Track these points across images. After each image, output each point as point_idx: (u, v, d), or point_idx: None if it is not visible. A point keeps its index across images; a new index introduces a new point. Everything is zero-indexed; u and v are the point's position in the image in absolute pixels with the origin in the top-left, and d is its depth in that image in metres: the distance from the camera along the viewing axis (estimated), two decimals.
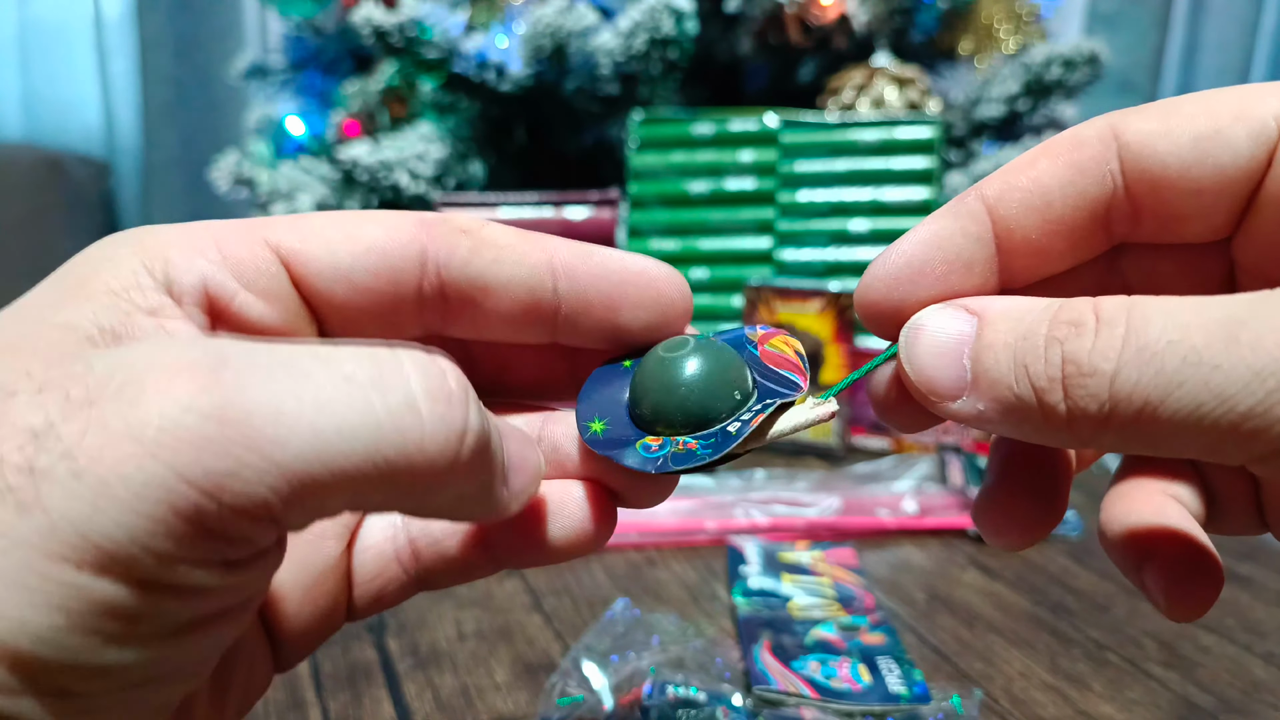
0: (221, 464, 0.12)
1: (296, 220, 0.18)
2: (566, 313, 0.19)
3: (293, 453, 0.12)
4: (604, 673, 0.31)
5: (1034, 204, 0.17)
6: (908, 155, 0.74)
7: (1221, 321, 0.13)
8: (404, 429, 0.13)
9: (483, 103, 0.96)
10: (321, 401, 0.13)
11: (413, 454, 0.13)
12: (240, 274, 0.17)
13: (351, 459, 0.13)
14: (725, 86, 1.07)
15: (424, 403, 0.13)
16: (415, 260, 0.18)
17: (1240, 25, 1.57)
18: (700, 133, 0.78)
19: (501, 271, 0.19)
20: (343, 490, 0.13)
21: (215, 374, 0.12)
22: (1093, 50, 0.95)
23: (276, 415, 0.12)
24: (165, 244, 0.16)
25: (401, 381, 0.13)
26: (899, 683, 0.33)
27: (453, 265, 0.18)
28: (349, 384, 0.13)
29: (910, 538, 0.47)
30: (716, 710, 0.30)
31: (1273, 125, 0.16)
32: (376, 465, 0.13)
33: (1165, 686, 0.34)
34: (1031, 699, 0.33)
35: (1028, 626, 0.38)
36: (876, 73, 0.91)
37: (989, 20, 1.01)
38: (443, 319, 0.19)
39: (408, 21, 0.86)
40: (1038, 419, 0.15)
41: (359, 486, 0.13)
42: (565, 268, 0.19)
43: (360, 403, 0.13)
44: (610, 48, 0.88)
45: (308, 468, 0.13)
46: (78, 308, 0.15)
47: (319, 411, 0.13)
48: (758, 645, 0.35)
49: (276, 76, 1.18)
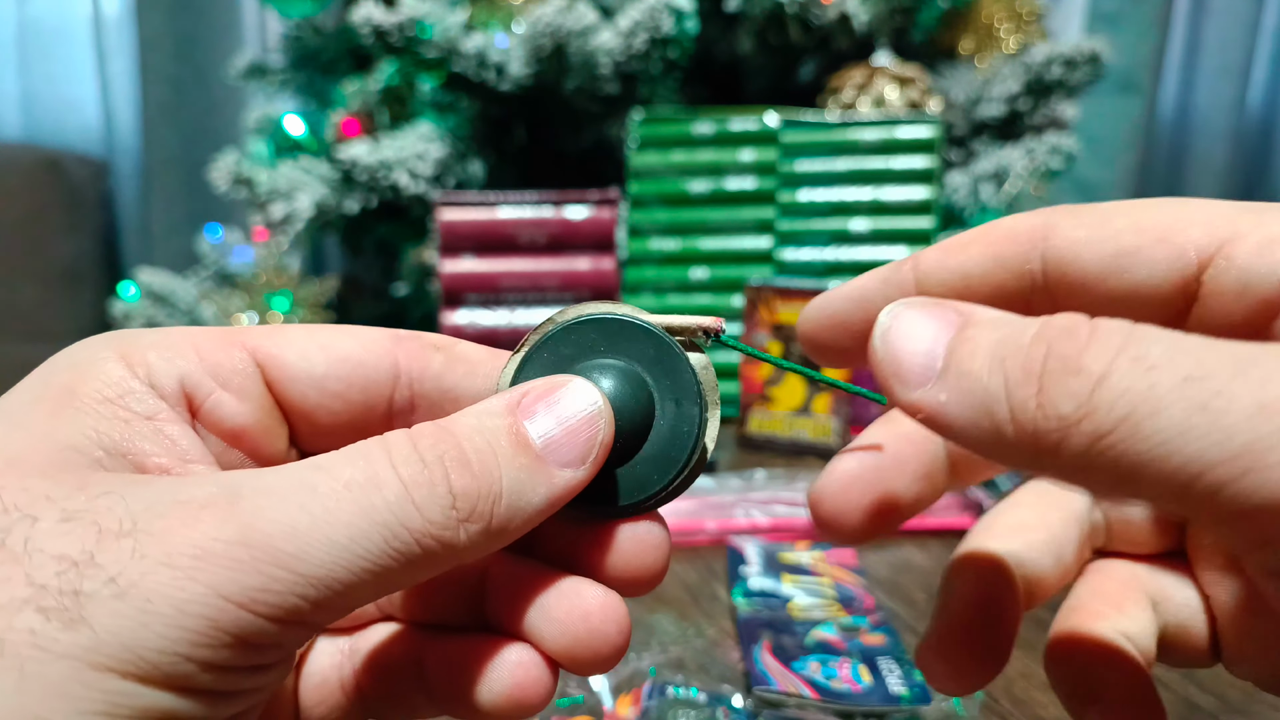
0: (254, 580, 0.14)
1: (274, 329, 0.19)
2: None
3: (314, 563, 0.14)
4: (602, 675, 0.31)
5: (955, 284, 0.18)
6: (908, 155, 0.74)
7: (1231, 353, 0.12)
8: (407, 519, 0.15)
9: (482, 102, 0.95)
10: (330, 512, 0.14)
11: (420, 537, 0.15)
12: (217, 374, 0.18)
13: (368, 557, 0.14)
14: (726, 86, 1.07)
15: (415, 491, 0.15)
16: (388, 374, 0.19)
17: (1242, 24, 1.57)
18: (700, 132, 0.78)
19: (473, 385, 0.19)
20: (369, 585, 0.15)
21: (232, 506, 0.14)
22: (1094, 49, 0.95)
23: (292, 533, 0.14)
24: (144, 347, 0.17)
25: (391, 475, 0.15)
26: (899, 683, 0.32)
27: (425, 380, 0.19)
28: (349, 491, 0.15)
29: (910, 538, 0.47)
30: (716, 711, 0.30)
31: (1191, 256, 0.16)
32: (393, 557, 0.15)
33: (1166, 687, 0.33)
34: (1032, 699, 0.33)
35: (1028, 627, 0.38)
36: (877, 72, 0.91)
37: (989, 19, 1.01)
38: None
39: (407, 21, 0.86)
40: (1001, 417, 0.14)
41: (382, 578, 0.15)
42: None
43: (363, 506, 0.15)
44: (610, 47, 0.87)
45: (330, 573, 0.14)
46: (76, 422, 0.16)
47: (330, 524, 0.14)
48: (758, 646, 0.34)
49: (275, 76, 1.18)
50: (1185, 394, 0.12)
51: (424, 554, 0.15)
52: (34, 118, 1.53)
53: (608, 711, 0.30)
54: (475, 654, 0.18)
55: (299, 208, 0.94)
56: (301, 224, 0.94)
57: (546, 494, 0.16)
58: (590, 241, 0.71)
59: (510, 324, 0.71)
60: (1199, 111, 1.68)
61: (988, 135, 0.99)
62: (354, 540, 0.14)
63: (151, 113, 1.46)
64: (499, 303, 0.72)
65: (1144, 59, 1.50)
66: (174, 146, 1.47)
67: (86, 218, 1.46)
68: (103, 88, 1.53)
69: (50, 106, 1.53)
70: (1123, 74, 1.50)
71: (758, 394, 0.63)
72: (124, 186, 1.58)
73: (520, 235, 0.71)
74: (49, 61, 1.52)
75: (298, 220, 0.94)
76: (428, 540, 0.15)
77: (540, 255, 0.71)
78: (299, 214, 0.94)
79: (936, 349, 0.15)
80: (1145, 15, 1.49)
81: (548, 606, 0.18)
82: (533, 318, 0.72)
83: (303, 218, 0.94)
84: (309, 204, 0.94)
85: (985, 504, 0.48)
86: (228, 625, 0.14)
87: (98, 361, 0.17)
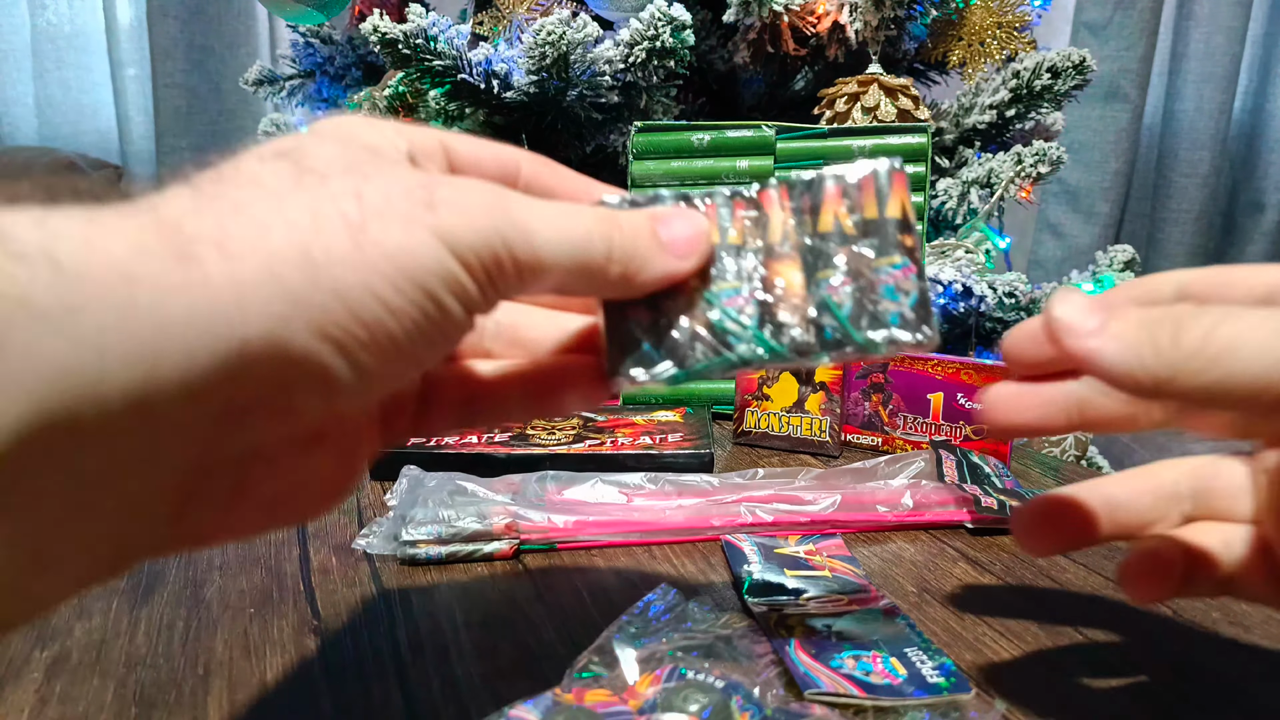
0: (514, 235, 0.21)
1: (449, 133, 0.26)
2: None
3: (540, 241, 0.22)
4: (631, 654, 0.31)
5: None
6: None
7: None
8: (593, 244, 0.23)
9: (487, 111, 0.98)
10: (561, 217, 0.23)
11: (594, 257, 0.23)
12: (422, 150, 0.25)
13: (569, 255, 0.23)
14: (723, 96, 1.09)
15: (597, 232, 0.23)
16: (515, 164, 0.28)
17: (1227, 32, 1.59)
18: (698, 141, 0.80)
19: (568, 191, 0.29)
20: (556, 274, 0.23)
21: (504, 195, 0.22)
22: (1081, 58, 0.97)
23: (537, 223, 0.22)
24: (382, 128, 0.24)
25: (590, 220, 0.24)
26: (935, 673, 0.32)
27: (537, 179, 0.28)
28: (578, 214, 0.24)
29: (901, 532, 0.48)
30: (730, 700, 0.29)
31: None
32: (579, 261, 0.23)
33: (1152, 677, 0.34)
34: (1021, 689, 0.33)
35: (1017, 618, 0.38)
36: (869, 82, 0.93)
37: (979, 29, 1.03)
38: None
39: (415, 30, 0.89)
40: (1149, 359, 0.21)
41: (567, 273, 0.23)
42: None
43: (574, 224, 0.23)
44: (611, 58, 0.90)
45: (551, 256, 0.22)
46: (368, 145, 0.23)
47: (560, 225, 0.23)
48: (789, 645, 0.33)
49: (286, 84, 1.20)
50: (1260, 333, 0.20)
51: (590, 269, 0.23)
52: (49, 123, 1.55)
53: (629, 687, 0.30)
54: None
55: None
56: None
57: (662, 268, 0.25)
58: None
59: None
60: (1185, 118, 1.69)
61: (977, 143, 1.02)
62: (562, 243, 0.22)
63: (164, 119, 1.48)
64: None
65: (1130, 67, 1.52)
66: (187, 152, 1.49)
67: None
68: (116, 94, 1.55)
69: (65, 112, 1.55)
70: (1109, 82, 1.52)
71: (753, 392, 0.65)
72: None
73: None
74: (64, 68, 1.54)
75: None
76: (596, 261, 0.23)
77: None
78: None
79: (1092, 318, 0.23)
80: (1132, 24, 1.50)
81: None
82: None
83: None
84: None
85: (982, 499, 0.49)
86: (498, 249, 0.21)
87: (366, 130, 0.23)
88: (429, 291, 0.20)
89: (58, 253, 0.15)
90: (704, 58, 1.03)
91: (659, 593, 0.36)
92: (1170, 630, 0.37)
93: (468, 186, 0.22)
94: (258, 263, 0.18)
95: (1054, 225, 1.74)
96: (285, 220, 0.18)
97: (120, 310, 0.15)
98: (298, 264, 0.18)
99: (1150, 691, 0.33)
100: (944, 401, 0.60)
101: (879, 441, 0.63)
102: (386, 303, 0.19)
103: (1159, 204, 1.73)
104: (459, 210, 0.21)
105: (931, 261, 0.95)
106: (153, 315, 0.16)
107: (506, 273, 0.22)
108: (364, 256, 0.19)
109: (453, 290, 0.20)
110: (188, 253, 0.17)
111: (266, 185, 0.19)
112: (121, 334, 0.15)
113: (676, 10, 0.88)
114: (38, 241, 0.15)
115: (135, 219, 0.17)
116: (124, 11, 1.53)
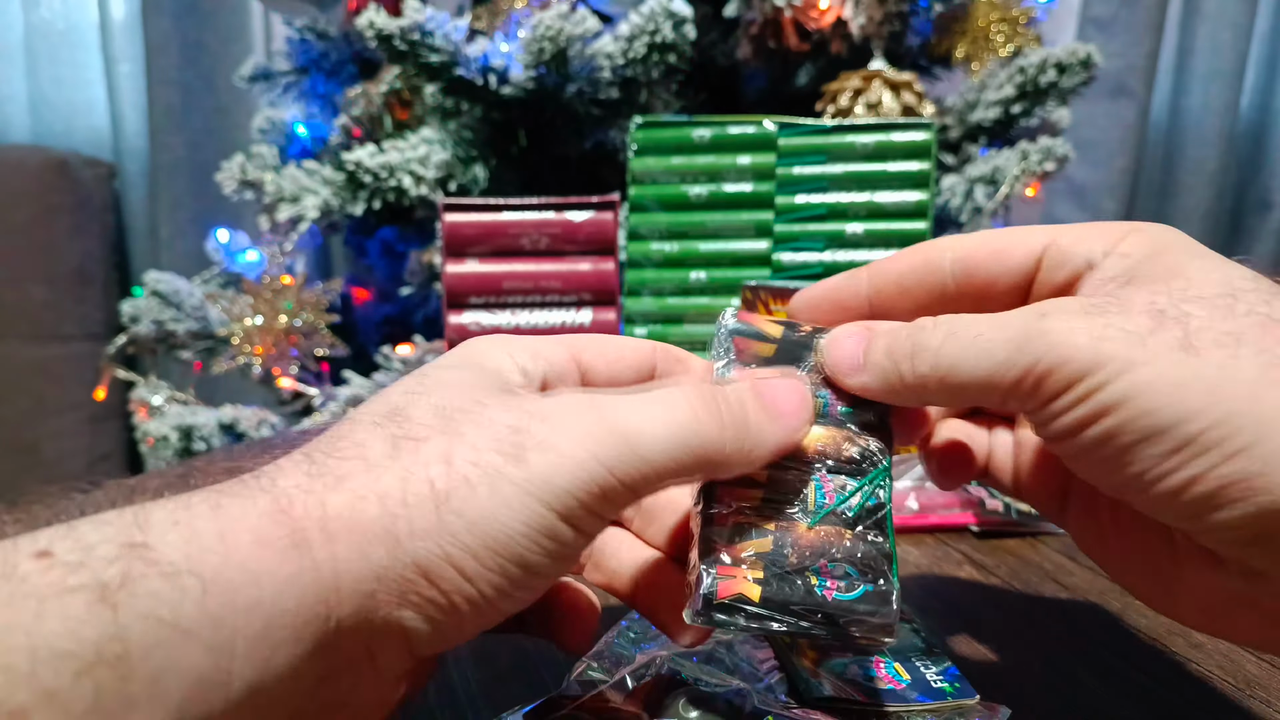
0: (615, 453, 0.21)
1: (587, 339, 0.28)
2: None
3: (649, 449, 0.22)
4: (632, 659, 0.31)
5: (892, 288, 0.29)
6: (903, 159, 0.76)
7: (997, 320, 0.24)
8: (699, 432, 0.23)
9: (485, 107, 0.97)
10: (660, 417, 0.22)
11: (703, 443, 0.23)
12: (552, 368, 0.26)
13: (677, 452, 0.22)
14: (724, 91, 1.08)
15: (703, 413, 0.23)
16: (650, 363, 0.29)
17: (1234, 29, 1.58)
18: (699, 137, 0.79)
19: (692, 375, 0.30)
20: (670, 473, 0.22)
21: (603, 409, 0.22)
22: (1087, 54, 0.96)
23: (640, 430, 0.22)
24: (517, 350, 0.26)
25: (691, 405, 0.23)
26: (939, 678, 0.31)
27: (669, 371, 0.29)
28: (665, 407, 0.23)
29: (906, 535, 0.48)
30: (730, 705, 0.29)
31: (1037, 248, 0.26)
32: (691, 454, 0.22)
33: (1158, 681, 0.34)
34: (1025, 694, 0.33)
35: (1022, 622, 0.39)
36: (873, 77, 0.92)
37: (984, 25, 1.02)
38: None
39: (411, 25, 0.88)
40: (897, 383, 0.25)
41: (679, 469, 0.22)
42: None
43: (678, 421, 0.22)
44: (610, 52, 0.89)
45: (658, 458, 0.22)
46: (488, 371, 0.24)
47: (663, 425, 0.22)
48: (793, 651, 0.33)
49: (281, 80, 1.19)
50: (973, 350, 0.24)
51: (704, 456, 0.23)
52: (42, 120, 1.54)
53: (624, 693, 0.30)
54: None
55: (305, 211, 0.95)
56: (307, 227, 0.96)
57: (777, 438, 0.25)
58: (591, 245, 0.73)
59: (513, 325, 0.73)
60: (1191, 115, 1.69)
61: (982, 139, 1.00)
62: (670, 440, 0.22)
63: (159, 116, 1.47)
64: (502, 305, 0.73)
65: (1137, 63, 1.51)
66: (181, 149, 1.49)
67: (94, 220, 1.47)
68: (110, 91, 1.54)
69: (58, 109, 1.54)
70: (1115, 78, 1.51)
71: None
72: (132, 189, 1.59)
73: (523, 238, 0.72)
74: (57, 65, 1.53)
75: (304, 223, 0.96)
76: (708, 448, 0.23)
77: (542, 258, 0.73)
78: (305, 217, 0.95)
79: (859, 353, 0.27)
80: (1138, 20, 1.50)
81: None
82: (535, 319, 0.73)
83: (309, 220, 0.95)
84: (315, 208, 0.95)
85: (987, 502, 0.49)
86: (600, 479, 0.21)
87: (492, 354, 0.25)
88: (514, 555, 0.21)
89: (203, 568, 0.17)
90: (705, 53, 1.02)
91: None
92: (1176, 635, 0.37)
93: (563, 416, 0.22)
94: (351, 543, 0.19)
95: (1060, 222, 1.72)
96: (377, 493, 0.20)
97: (249, 611, 0.17)
98: (383, 540, 0.20)
99: (1156, 697, 0.33)
100: None
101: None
102: (464, 571, 0.20)
103: (1166, 201, 1.72)
104: (553, 452, 0.21)
105: None
106: (274, 608, 0.18)
107: (614, 496, 0.22)
108: (446, 527, 0.20)
109: (548, 538, 0.21)
110: (298, 539, 0.19)
111: (368, 455, 0.21)
112: (249, 634, 0.17)
113: (676, 4, 0.87)
114: (184, 559, 0.17)
115: (255, 504, 0.19)
116: (118, 7, 1.51)
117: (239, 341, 0.98)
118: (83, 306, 1.44)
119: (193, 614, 0.16)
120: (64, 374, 1.40)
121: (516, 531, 0.20)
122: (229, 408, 1.04)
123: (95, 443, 1.44)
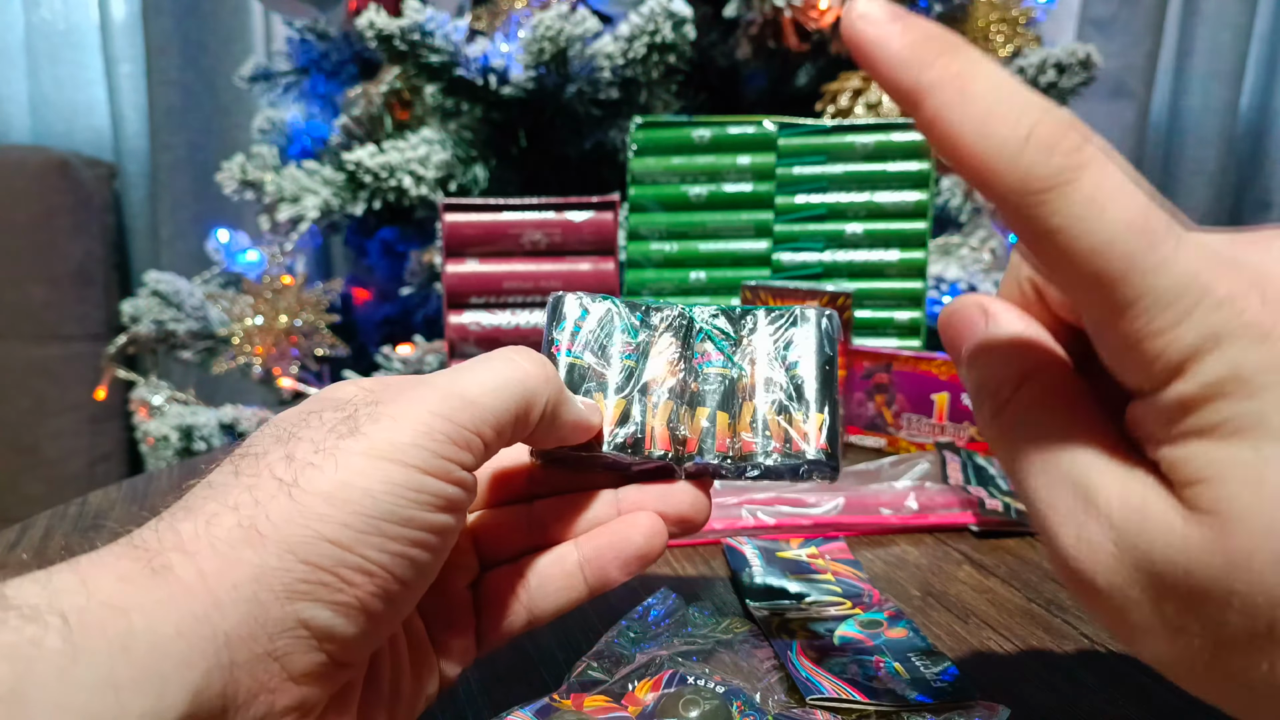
0: (450, 405, 0.23)
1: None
2: None
3: (476, 392, 0.24)
4: (632, 659, 0.31)
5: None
6: (902, 159, 0.76)
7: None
8: (531, 390, 0.25)
9: (485, 107, 0.97)
10: (488, 369, 0.25)
11: (536, 393, 0.25)
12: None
13: (508, 401, 0.25)
14: (724, 92, 1.08)
15: (528, 363, 0.26)
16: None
17: (1233, 29, 1.58)
18: (699, 137, 0.79)
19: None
20: (507, 428, 0.25)
21: (431, 379, 0.24)
22: (1086, 54, 0.96)
23: (470, 380, 0.24)
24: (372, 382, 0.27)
25: (523, 360, 0.26)
26: (939, 678, 0.31)
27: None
28: (499, 361, 0.26)
29: (905, 535, 0.48)
30: (732, 706, 0.29)
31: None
32: (518, 402, 0.25)
33: (1158, 681, 0.33)
34: (1025, 694, 0.33)
35: (1021, 622, 0.39)
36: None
37: (984, 25, 1.02)
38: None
39: (411, 26, 0.88)
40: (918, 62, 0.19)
41: (511, 418, 0.25)
42: None
43: (508, 368, 0.25)
44: (610, 52, 0.89)
45: (492, 398, 0.24)
46: (329, 399, 0.25)
47: (492, 372, 0.25)
48: (791, 650, 0.33)
49: (282, 81, 1.19)
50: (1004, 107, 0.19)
51: (529, 399, 0.25)
52: (43, 121, 1.54)
53: (628, 693, 0.30)
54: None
55: (305, 211, 0.95)
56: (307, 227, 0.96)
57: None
58: (591, 245, 0.73)
59: (513, 325, 0.73)
60: (1191, 116, 1.69)
61: None
62: (499, 386, 0.24)
63: (159, 116, 1.47)
64: (502, 304, 0.73)
65: (1136, 64, 1.51)
66: (182, 150, 1.49)
67: (95, 220, 1.47)
68: (111, 91, 1.54)
69: (59, 110, 1.54)
70: (1115, 79, 1.51)
71: None
72: (132, 189, 1.59)
73: (523, 238, 0.72)
74: (57, 65, 1.53)
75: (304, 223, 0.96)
76: (533, 392, 0.25)
77: (542, 258, 0.73)
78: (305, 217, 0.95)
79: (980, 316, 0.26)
80: (1137, 20, 1.50)
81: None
82: (535, 319, 0.73)
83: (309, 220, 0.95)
84: (315, 208, 0.95)
85: (987, 502, 0.49)
86: (440, 426, 0.23)
87: (342, 387, 0.26)
88: (385, 513, 0.21)
89: (62, 606, 0.17)
90: (705, 53, 1.02)
91: (659, 597, 0.36)
92: None
93: (395, 392, 0.23)
94: (214, 554, 0.19)
95: None
96: (229, 506, 0.20)
97: (123, 641, 0.17)
98: (246, 540, 0.19)
99: (1157, 697, 0.33)
100: (949, 402, 0.59)
101: (883, 443, 0.63)
102: (339, 542, 0.20)
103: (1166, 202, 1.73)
104: (388, 419, 0.22)
105: (936, 260, 0.94)
106: (153, 636, 0.17)
107: (461, 440, 0.23)
108: (304, 508, 0.20)
109: (414, 490, 0.22)
110: (158, 565, 0.19)
111: (213, 484, 0.22)
112: (129, 665, 0.17)
113: (676, 4, 0.87)
114: (45, 601, 0.17)
115: (110, 551, 0.19)
116: (118, 8, 1.51)
117: (239, 341, 0.98)
118: (83, 306, 1.44)
119: (59, 649, 0.16)
120: (64, 374, 1.40)
121: (378, 491, 0.21)
122: (229, 408, 1.04)
123: (95, 443, 1.44)
